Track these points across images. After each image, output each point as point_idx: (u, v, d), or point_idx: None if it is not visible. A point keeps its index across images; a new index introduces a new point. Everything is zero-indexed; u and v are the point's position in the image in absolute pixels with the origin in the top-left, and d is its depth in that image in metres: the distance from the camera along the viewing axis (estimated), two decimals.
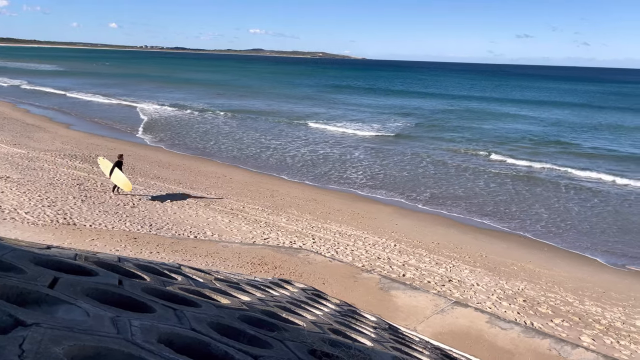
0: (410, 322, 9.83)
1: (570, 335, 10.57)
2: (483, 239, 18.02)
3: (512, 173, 29.67)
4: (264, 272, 11.74)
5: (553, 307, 12.24)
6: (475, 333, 9.61)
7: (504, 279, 14.08)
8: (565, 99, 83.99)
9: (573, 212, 22.33)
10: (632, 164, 32.77)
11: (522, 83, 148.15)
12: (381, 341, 4.08)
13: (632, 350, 10.25)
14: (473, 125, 48.31)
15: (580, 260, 16.79)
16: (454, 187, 26.16)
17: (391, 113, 57.90)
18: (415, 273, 13.63)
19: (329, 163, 30.96)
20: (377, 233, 17.54)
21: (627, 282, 14.97)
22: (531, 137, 42.33)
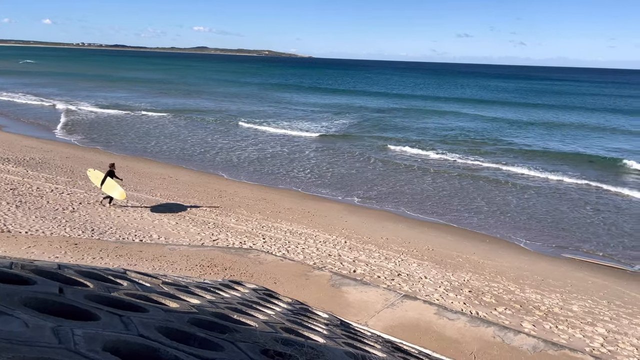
0: (361, 317, 9.96)
1: (513, 322, 11.04)
2: (430, 233, 18.52)
3: (454, 169, 30.65)
4: (213, 274, 11.56)
5: (496, 296, 12.75)
6: (424, 324, 9.86)
7: (450, 271, 14.52)
8: (503, 97, 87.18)
9: (512, 205, 23.35)
10: (563, 161, 34.64)
11: (464, 81, 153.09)
12: (333, 337, 4.11)
13: (570, 334, 10.84)
14: (417, 124, 49.50)
15: (520, 250, 17.58)
16: (401, 183, 26.73)
17: (337, 112, 58.33)
18: (365, 269, 13.82)
19: (277, 162, 30.86)
20: (328, 230, 17.66)
21: (563, 269, 15.82)
22: (472, 134, 43.82)
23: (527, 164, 32.36)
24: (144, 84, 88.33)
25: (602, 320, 11.84)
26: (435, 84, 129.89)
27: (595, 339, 10.67)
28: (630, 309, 12.84)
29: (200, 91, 78.12)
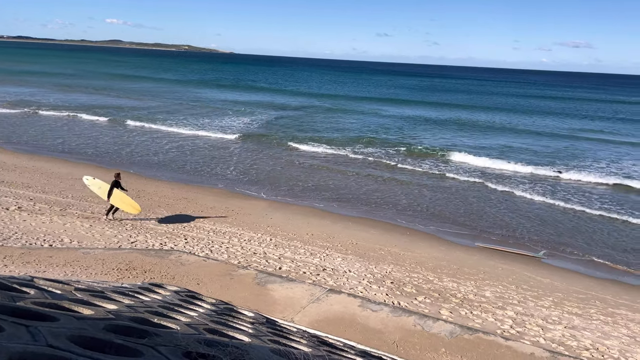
0: (287, 314, 9.98)
1: (432, 310, 11.57)
2: (354, 228, 18.91)
3: (373, 166, 31.53)
4: (132, 277, 11.07)
5: (416, 286, 13.29)
6: (349, 317, 10.07)
7: (373, 263, 14.93)
8: (418, 96, 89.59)
9: (426, 198, 24.42)
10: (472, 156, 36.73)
11: (380, 79, 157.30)
12: (259, 335, 4.09)
13: (483, 318, 11.53)
14: (334, 122, 49.66)
15: (437, 241, 18.43)
16: (325, 179, 27.08)
17: (258, 109, 57.68)
18: (291, 265, 13.86)
19: (198, 160, 30.12)
20: (253, 228, 17.51)
21: (477, 258, 16.79)
22: (387, 132, 45.11)
23: (438, 160, 33.95)
24: (49, 78, 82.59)
25: (511, 304, 12.71)
26: (355, 82, 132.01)
27: (505, 321, 11.43)
28: (535, 292, 13.89)
29: (113, 87, 74.28)
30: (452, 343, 9.52)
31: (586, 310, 12.82)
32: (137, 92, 69.68)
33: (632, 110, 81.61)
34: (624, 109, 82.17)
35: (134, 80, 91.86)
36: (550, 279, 15.26)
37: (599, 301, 13.71)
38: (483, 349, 9.40)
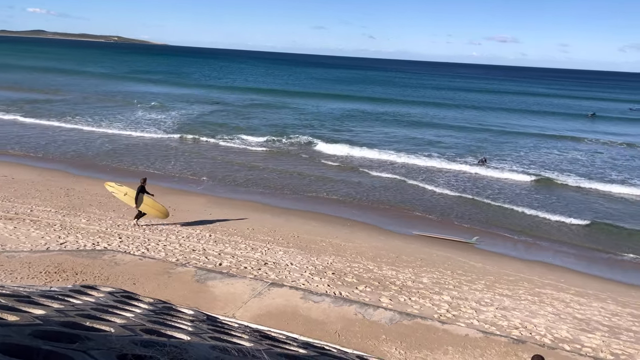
0: (229, 310, 9.87)
1: (372, 299, 11.82)
2: (295, 221, 18.94)
3: (307, 160, 31.70)
4: (62, 280, 10.53)
5: (357, 275, 13.52)
6: (291, 310, 10.10)
7: (314, 255, 15.03)
8: (349, 90, 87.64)
9: (364, 187, 24.89)
10: (407, 145, 37.73)
11: (316, 72, 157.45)
12: (199, 333, 4.01)
13: (421, 304, 11.92)
14: (270, 116, 48.93)
15: (377, 231, 18.83)
16: (264, 174, 26.94)
17: (192, 103, 55.94)
18: (232, 261, 13.69)
19: (132, 156, 29.05)
20: (191, 225, 17.13)
21: (414, 246, 17.32)
22: (321, 125, 45.09)
23: (369, 150, 34.63)
24: None
25: (447, 288, 13.22)
26: (290, 75, 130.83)
27: (442, 306, 11.88)
28: (469, 277, 14.52)
29: (35, 81, 69.93)
30: (392, 329, 9.79)
31: (515, 292, 13.56)
32: (58, 86, 65.85)
33: (553, 102, 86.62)
34: (544, 102, 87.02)
35: (56, 73, 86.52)
36: (483, 264, 16.00)
37: (527, 282, 14.53)
38: (421, 334, 9.72)
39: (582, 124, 57.30)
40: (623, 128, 54.52)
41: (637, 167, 33.89)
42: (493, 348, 9.46)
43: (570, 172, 30.76)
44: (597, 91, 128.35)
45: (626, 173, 31.62)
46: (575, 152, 38.31)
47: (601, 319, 12.04)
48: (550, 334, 10.79)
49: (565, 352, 9.72)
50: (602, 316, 12.26)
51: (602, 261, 17.64)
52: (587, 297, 13.73)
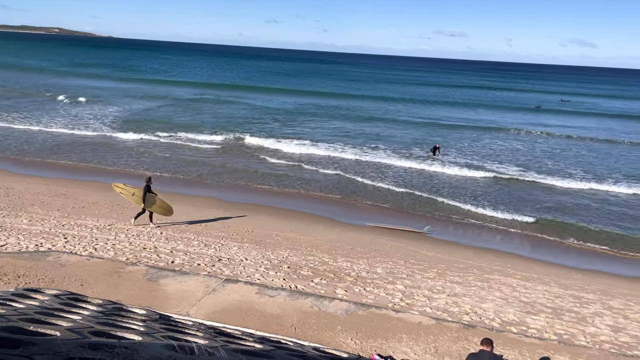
0: (182, 308, 9.69)
1: (328, 291, 11.90)
2: (248, 215, 18.77)
3: (258, 155, 31.54)
4: (3, 284, 10.01)
5: (313, 268, 13.57)
6: (247, 305, 10.02)
7: (269, 250, 14.97)
8: (301, 85, 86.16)
9: (317, 181, 25.00)
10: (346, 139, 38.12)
11: (269, 64, 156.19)
12: (151, 333, 3.91)
13: (375, 294, 12.11)
14: (221, 111, 47.81)
15: (331, 223, 18.96)
16: (215, 169, 26.58)
17: (138, 98, 53.94)
18: (184, 258, 13.42)
19: (75, 153, 27.93)
20: (141, 222, 16.65)
21: (368, 237, 17.55)
22: (264, 121, 44.46)
23: (320, 145, 34.83)
24: None
25: (400, 278, 13.49)
26: (241, 68, 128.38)
27: (396, 295, 12.11)
28: (422, 265, 14.87)
29: None
30: (348, 320, 9.90)
31: (465, 278, 14.00)
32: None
33: (499, 95, 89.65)
34: (491, 95, 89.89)
35: None
36: (434, 252, 16.43)
37: (476, 269, 15.04)
38: (376, 323, 9.89)
39: (528, 115, 59.56)
40: (566, 120, 57.03)
41: (573, 157, 35.66)
42: (445, 334, 9.74)
43: (513, 164, 31.97)
44: (540, 84, 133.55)
45: (562, 162, 33.13)
46: (518, 143, 39.87)
47: (545, 302, 12.62)
48: (498, 318, 11.22)
49: (513, 335, 10.14)
50: (546, 299, 12.85)
51: (546, 247, 18.48)
52: (532, 281, 14.36)
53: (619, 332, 11.08)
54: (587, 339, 10.51)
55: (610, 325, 11.40)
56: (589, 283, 14.70)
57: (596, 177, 29.08)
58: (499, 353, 8.83)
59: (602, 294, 13.78)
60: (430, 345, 9.24)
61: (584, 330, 10.98)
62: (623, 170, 31.41)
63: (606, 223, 21.14)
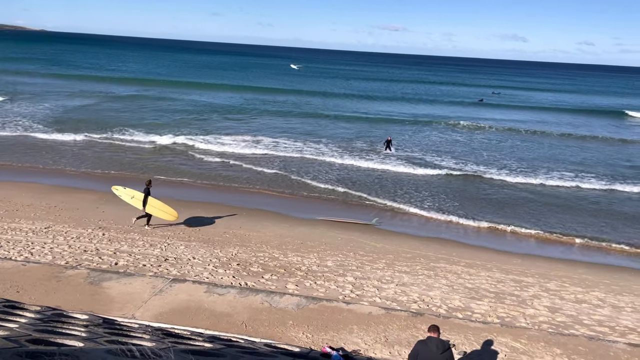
0: (127, 311, 9.38)
1: (279, 286, 11.86)
2: (194, 213, 18.38)
3: (197, 152, 31.01)
4: None
5: (263, 264, 13.48)
6: (195, 305, 9.83)
7: (218, 247, 14.73)
8: (242, 80, 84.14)
9: (251, 175, 24.87)
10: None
11: (211, 59, 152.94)
12: (94, 338, 3.76)
13: (326, 287, 12.19)
14: (160, 108, 45.77)
15: (281, 218, 18.89)
16: (157, 168, 25.85)
17: (70, 96, 50.55)
18: (129, 259, 12.98)
19: (8, 153, 26.39)
20: (81, 224, 15.96)
21: (318, 231, 17.63)
22: (200, 117, 43.98)
23: (265, 140, 34.70)
24: None
25: (350, 270, 13.64)
26: (182, 63, 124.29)
27: (346, 287, 12.24)
28: (371, 257, 15.10)
29: None
30: (299, 314, 9.91)
31: (413, 268, 14.35)
32: None
33: (443, 90, 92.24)
34: (435, 90, 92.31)
35: None
36: (383, 243, 16.72)
37: (423, 258, 15.45)
38: (327, 316, 9.96)
39: (468, 108, 61.62)
40: (503, 113, 59.35)
41: (509, 148, 37.29)
42: (394, 323, 9.95)
43: (451, 156, 33.01)
44: (481, 78, 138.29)
45: (497, 154, 34.49)
46: (457, 135, 41.24)
47: (488, 287, 13.14)
48: (445, 305, 11.57)
49: (458, 320, 10.50)
50: (489, 284, 13.38)
51: (488, 234, 19.23)
52: (476, 267, 14.91)
53: (556, 312, 11.71)
54: (527, 320, 11.04)
55: (548, 307, 12.02)
56: (528, 267, 15.42)
57: (529, 167, 30.43)
58: (445, 339, 9.11)
59: (540, 277, 14.50)
60: (380, 335, 9.41)
61: (524, 312, 11.52)
62: (554, 161, 33.15)
63: (541, 211, 22.26)
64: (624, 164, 32.98)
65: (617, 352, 9.56)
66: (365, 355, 8.70)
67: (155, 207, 16.51)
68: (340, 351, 8.45)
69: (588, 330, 10.75)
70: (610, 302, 12.79)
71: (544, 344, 9.64)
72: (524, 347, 9.43)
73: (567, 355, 9.25)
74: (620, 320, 11.57)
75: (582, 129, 47.99)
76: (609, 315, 11.78)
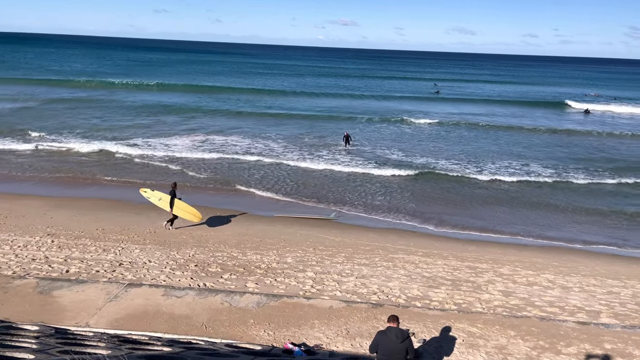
0: (81, 319, 9.06)
1: (238, 285, 11.75)
2: (150, 216, 17.91)
3: (143, 156, 30.33)
4: None
5: (221, 264, 13.31)
6: (153, 309, 9.60)
7: (175, 249, 14.43)
8: (188, 78, 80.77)
9: (203, 174, 24.56)
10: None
11: (157, 58, 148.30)
12: (46, 349, 3.62)
13: (287, 283, 12.17)
14: (95, 113, 43.10)
15: (239, 216, 18.69)
16: (100, 173, 25.07)
17: (6, 100, 47.77)
18: (80, 266, 12.52)
19: None
20: (28, 232, 15.27)
21: (277, 228, 17.56)
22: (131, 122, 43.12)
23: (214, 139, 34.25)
24: None
25: (310, 265, 13.67)
26: (127, 62, 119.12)
27: (306, 282, 12.26)
28: (330, 251, 15.18)
29: None
30: (260, 312, 9.86)
31: (372, 260, 14.53)
32: None
33: (395, 85, 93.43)
34: (389, 84, 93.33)
35: None
36: (342, 237, 16.84)
37: (382, 250, 15.66)
38: (288, 312, 9.95)
39: (423, 102, 62.36)
40: (459, 106, 60.62)
41: (457, 138, 38.31)
42: (355, 315, 10.05)
43: (402, 150, 33.60)
44: (434, 71, 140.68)
45: (443, 144, 35.41)
46: (407, 128, 41.98)
47: (445, 275, 13.48)
48: (404, 294, 11.79)
49: (417, 309, 10.72)
50: (445, 272, 13.73)
51: (443, 223, 19.69)
52: (433, 256, 15.25)
53: (510, 296, 12.15)
54: (483, 305, 11.40)
55: (501, 291, 12.45)
56: (483, 254, 15.91)
57: (476, 160, 31.24)
58: (405, 328, 9.29)
59: (494, 262, 14.99)
60: (341, 328, 9.49)
61: (480, 297, 11.89)
62: (500, 154, 34.28)
63: (489, 203, 23.02)
64: (566, 155, 34.19)
65: (567, 330, 10.02)
66: (327, 349, 8.75)
67: (180, 209, 16.79)
68: (302, 347, 8.47)
69: (540, 311, 11.21)
70: (559, 283, 13.38)
71: (498, 327, 9.99)
72: (480, 332, 9.74)
73: (520, 337, 9.61)
74: (569, 300, 12.12)
75: (526, 120, 49.61)
76: (559, 296, 12.32)
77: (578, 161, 31.67)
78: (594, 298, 12.37)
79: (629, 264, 16.07)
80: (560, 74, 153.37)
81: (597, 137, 41.49)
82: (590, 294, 12.63)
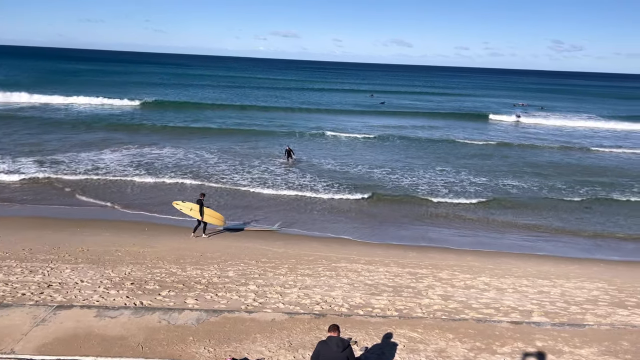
0: (5, 346, 8.43)
1: (177, 302, 11.35)
2: (82, 233, 17.09)
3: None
4: None
5: (159, 281, 12.83)
6: (84, 331, 9.09)
7: (109, 267, 13.78)
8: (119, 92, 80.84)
9: (151, 186, 23.86)
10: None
11: (90, 69, 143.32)
12: None
13: (228, 298, 11.88)
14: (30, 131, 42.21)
15: (178, 231, 18.17)
16: (28, 191, 23.72)
17: None
18: (5, 289, 11.68)
19: None
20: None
21: (218, 241, 17.20)
22: None
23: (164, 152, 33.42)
24: None
25: (253, 278, 13.44)
26: (55, 74, 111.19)
27: (249, 296, 12.03)
28: (273, 263, 15.01)
29: None
30: (200, 329, 9.56)
31: (315, 270, 14.50)
32: None
33: (326, 96, 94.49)
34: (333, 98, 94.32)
35: None
36: (285, 248, 16.72)
37: (325, 259, 15.67)
38: (229, 327, 9.71)
39: (361, 116, 63.04)
40: (394, 119, 61.88)
41: (391, 146, 39.20)
42: (298, 327, 9.95)
43: (339, 161, 33.99)
44: (374, 82, 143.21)
45: (381, 155, 36.18)
46: (343, 144, 42.49)
47: (387, 282, 13.64)
48: (346, 303, 11.81)
49: (360, 317, 10.77)
50: (387, 279, 13.90)
51: (383, 230, 20.01)
52: (375, 264, 15.42)
53: (448, 299, 12.45)
54: (423, 310, 11.61)
55: (441, 295, 12.75)
56: (422, 259, 16.27)
57: (410, 172, 32.17)
58: (347, 337, 9.30)
59: (433, 268, 15.35)
60: (284, 340, 9.36)
61: (420, 302, 12.11)
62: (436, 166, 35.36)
63: (431, 214, 23.68)
64: (497, 167, 35.70)
65: (501, 330, 10.37)
66: None
67: (209, 215, 17.91)
68: None
69: (476, 313, 11.55)
70: (494, 285, 13.88)
71: (438, 331, 10.19)
72: (421, 336, 9.90)
73: (458, 339, 9.85)
74: (504, 301, 12.58)
75: (455, 132, 50.13)
76: (494, 298, 12.77)
77: (507, 174, 32.37)
78: (527, 298, 12.91)
79: (557, 263, 16.94)
80: (490, 85, 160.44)
81: (522, 149, 42.55)
82: (523, 294, 13.18)
